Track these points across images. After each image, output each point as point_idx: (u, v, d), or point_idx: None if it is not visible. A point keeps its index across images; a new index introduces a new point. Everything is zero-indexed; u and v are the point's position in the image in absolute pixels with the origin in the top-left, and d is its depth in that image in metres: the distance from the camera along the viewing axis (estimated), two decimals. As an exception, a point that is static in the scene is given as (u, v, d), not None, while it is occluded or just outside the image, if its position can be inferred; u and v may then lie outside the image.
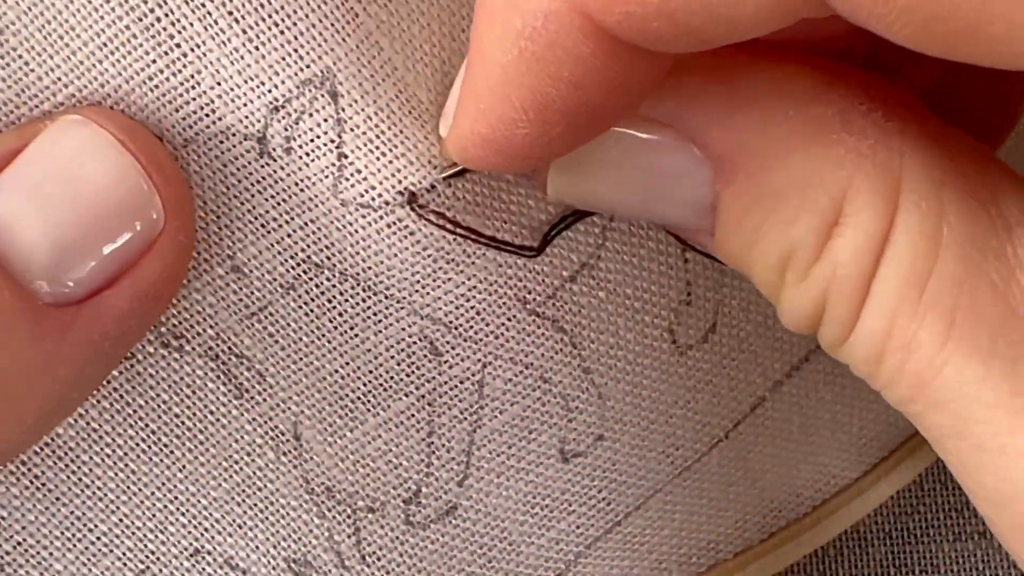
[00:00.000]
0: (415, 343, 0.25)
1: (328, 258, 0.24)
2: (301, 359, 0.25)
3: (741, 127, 0.21)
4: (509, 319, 0.25)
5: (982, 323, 0.19)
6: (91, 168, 0.22)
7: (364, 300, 0.25)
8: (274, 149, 0.23)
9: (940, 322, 0.20)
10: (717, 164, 0.21)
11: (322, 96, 0.23)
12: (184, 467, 0.25)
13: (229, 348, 0.25)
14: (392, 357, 0.25)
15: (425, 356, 0.25)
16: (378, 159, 0.23)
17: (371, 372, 0.25)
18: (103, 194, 0.22)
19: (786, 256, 0.21)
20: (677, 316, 0.27)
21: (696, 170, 0.22)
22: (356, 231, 0.24)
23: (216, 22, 0.22)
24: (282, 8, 0.22)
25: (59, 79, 0.23)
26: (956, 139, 0.21)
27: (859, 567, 0.37)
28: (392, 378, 0.25)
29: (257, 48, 0.23)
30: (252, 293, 0.24)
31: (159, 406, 0.25)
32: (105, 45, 0.22)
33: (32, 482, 0.25)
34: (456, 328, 0.25)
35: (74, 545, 0.25)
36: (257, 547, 0.26)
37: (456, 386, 0.26)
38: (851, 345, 0.21)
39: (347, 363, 0.25)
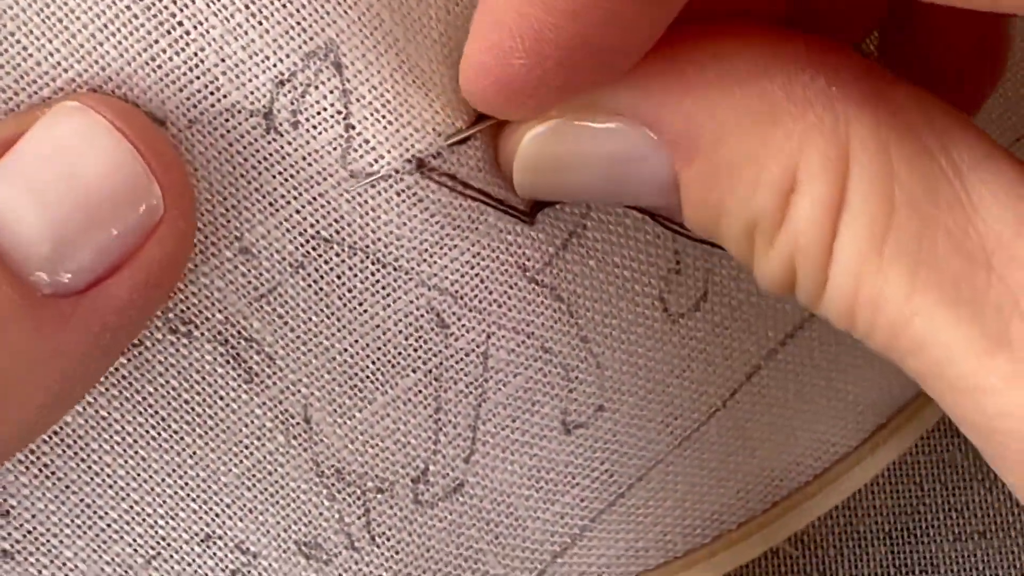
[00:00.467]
0: (423, 316, 0.25)
1: (337, 232, 0.24)
2: (311, 340, 0.25)
3: (692, 110, 0.22)
4: (511, 287, 0.25)
5: (944, 273, 0.20)
6: (88, 156, 0.22)
7: (373, 274, 0.25)
8: (281, 124, 0.23)
9: (903, 277, 0.20)
10: (674, 147, 0.22)
11: (327, 68, 0.23)
12: (194, 453, 0.25)
13: (238, 332, 0.25)
14: (400, 332, 0.25)
15: (432, 329, 0.25)
16: (385, 128, 0.23)
17: (380, 349, 0.25)
18: (101, 182, 0.22)
19: (751, 226, 0.22)
20: (667, 284, 0.28)
21: (654, 153, 0.22)
22: (366, 201, 0.24)
23: None
24: None
25: (59, 64, 0.22)
26: (903, 92, 0.22)
27: (859, 567, 0.37)
28: (400, 354, 0.25)
29: (260, 23, 0.23)
30: (261, 275, 0.24)
31: (168, 392, 0.25)
32: (106, 27, 0.22)
33: (41, 471, 0.24)
34: (462, 298, 0.25)
35: (84, 532, 0.25)
36: (268, 531, 0.26)
37: (462, 359, 0.26)
38: (825, 304, 0.22)
39: (356, 341, 0.25)
